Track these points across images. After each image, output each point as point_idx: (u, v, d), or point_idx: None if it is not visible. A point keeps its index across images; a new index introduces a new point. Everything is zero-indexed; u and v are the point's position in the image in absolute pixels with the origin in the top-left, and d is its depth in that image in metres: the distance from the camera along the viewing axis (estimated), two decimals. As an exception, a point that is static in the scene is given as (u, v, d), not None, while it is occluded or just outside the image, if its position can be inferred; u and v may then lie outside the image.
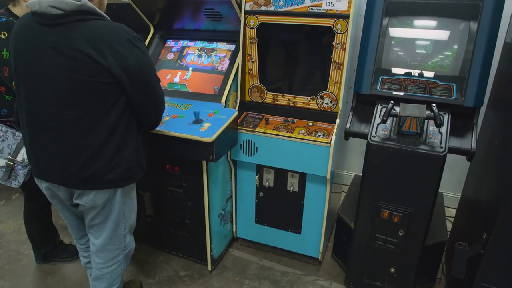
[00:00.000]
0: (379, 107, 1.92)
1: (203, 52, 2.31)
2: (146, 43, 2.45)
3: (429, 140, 1.75)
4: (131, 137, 1.54)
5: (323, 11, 1.86)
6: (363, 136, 1.91)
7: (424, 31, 1.95)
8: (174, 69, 2.33)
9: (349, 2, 1.80)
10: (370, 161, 1.82)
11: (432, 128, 1.79)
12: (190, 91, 2.22)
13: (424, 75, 1.91)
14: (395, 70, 1.96)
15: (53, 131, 1.42)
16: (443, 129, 1.78)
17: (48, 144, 1.45)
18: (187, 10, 2.28)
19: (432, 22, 1.94)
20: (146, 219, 2.36)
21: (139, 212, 2.29)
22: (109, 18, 1.43)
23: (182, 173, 2.07)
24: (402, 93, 1.90)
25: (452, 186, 2.97)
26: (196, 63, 2.30)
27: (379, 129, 1.84)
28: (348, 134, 2.00)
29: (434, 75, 1.90)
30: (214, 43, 2.34)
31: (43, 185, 1.59)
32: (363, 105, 2.04)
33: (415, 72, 1.93)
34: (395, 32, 1.96)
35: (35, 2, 1.30)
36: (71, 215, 1.73)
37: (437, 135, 1.77)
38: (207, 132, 1.80)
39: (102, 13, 1.41)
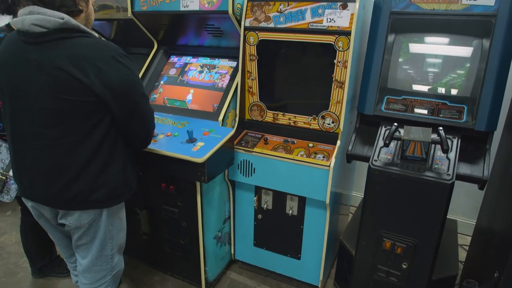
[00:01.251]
0: (383, 129, 1.81)
1: (205, 69, 2.27)
2: (150, 58, 2.44)
3: (436, 166, 1.62)
4: (118, 156, 1.49)
5: (324, 27, 1.78)
6: (366, 159, 1.80)
7: (433, 49, 1.83)
8: (175, 85, 2.30)
9: (351, 19, 1.72)
10: (372, 187, 1.70)
11: (440, 153, 1.66)
12: (189, 108, 2.17)
13: (432, 95, 1.79)
14: (401, 90, 1.85)
15: (36, 150, 1.39)
16: (452, 155, 1.65)
17: (31, 163, 1.42)
18: (189, 26, 2.25)
19: (441, 39, 1.82)
20: (142, 237, 2.30)
21: (136, 229, 2.25)
22: (95, 35, 1.40)
23: (177, 192, 2.01)
24: (407, 115, 1.78)
25: (468, 211, 2.79)
26: (197, 79, 2.25)
27: (382, 152, 1.72)
28: (350, 157, 1.90)
29: (443, 96, 1.78)
30: (216, 59, 2.30)
31: (28, 204, 1.56)
32: (367, 126, 1.93)
33: (423, 92, 1.82)
34: (402, 49, 1.86)
35: (18, 20, 1.28)
36: (59, 233, 1.69)
37: (445, 161, 1.64)
38: (199, 152, 1.74)
39: (88, 29, 1.37)
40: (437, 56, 1.83)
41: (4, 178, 1.87)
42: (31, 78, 1.32)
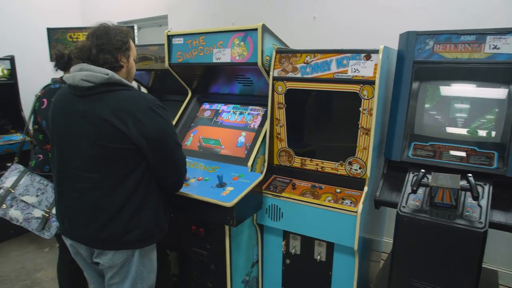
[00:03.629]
0: (411, 175, 1.81)
1: (237, 111, 2.40)
2: (184, 105, 2.59)
3: (467, 213, 1.59)
4: (151, 200, 1.58)
5: (349, 77, 1.86)
6: (394, 205, 1.79)
7: (459, 95, 1.86)
8: (210, 125, 2.43)
9: (375, 69, 1.79)
10: (400, 234, 1.68)
11: (471, 200, 1.63)
12: (220, 150, 2.27)
13: (460, 141, 1.79)
14: (428, 136, 1.87)
15: (77, 192, 1.51)
16: (483, 202, 1.62)
17: (72, 204, 1.53)
18: (221, 76, 2.40)
19: (467, 86, 1.85)
20: (171, 279, 2.33)
21: (166, 270, 2.29)
22: (135, 87, 1.55)
23: (206, 235, 2.06)
24: (435, 161, 1.78)
25: (510, 261, 2.63)
26: (230, 120, 2.37)
27: (410, 199, 1.72)
28: (378, 203, 1.89)
29: (472, 142, 1.78)
30: (246, 107, 2.41)
31: (67, 242, 1.66)
32: (395, 172, 1.94)
33: (450, 139, 1.82)
34: (427, 96, 1.90)
35: (70, 76, 1.46)
36: (93, 272, 1.76)
37: (476, 208, 1.61)
38: (228, 196, 1.80)
39: (128, 83, 1.53)
40: (464, 102, 1.85)
41: (47, 215, 2.01)
42: (78, 128, 1.47)
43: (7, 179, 2.08)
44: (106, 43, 1.49)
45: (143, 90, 3.38)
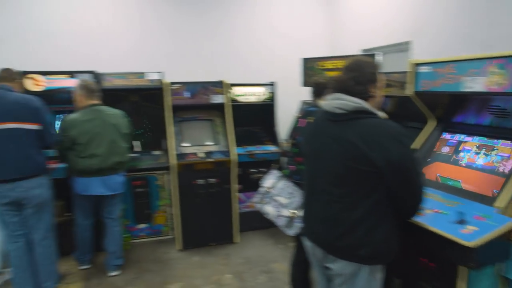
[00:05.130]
0: None
1: (482, 150, 2.18)
2: (427, 134, 2.55)
3: None
4: (385, 222, 1.67)
5: None
6: None
7: None
8: (449, 163, 2.31)
9: None
10: None
11: None
12: (462, 188, 2.12)
13: None
14: None
15: (322, 202, 1.76)
16: None
17: (316, 211, 1.80)
18: (468, 106, 2.25)
19: None
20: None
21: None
22: (380, 115, 1.69)
23: (436, 271, 1.96)
24: None
25: None
26: (473, 160, 2.18)
27: None
28: None
29: None
30: (495, 140, 2.16)
31: (307, 243, 1.93)
32: None
33: None
34: None
35: (327, 104, 1.74)
36: (322, 274, 1.96)
37: None
38: (471, 235, 1.67)
39: (375, 111, 1.68)
40: None
41: (293, 216, 2.41)
42: (329, 148, 1.72)
43: (267, 180, 2.63)
44: (360, 76, 1.69)
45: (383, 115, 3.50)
